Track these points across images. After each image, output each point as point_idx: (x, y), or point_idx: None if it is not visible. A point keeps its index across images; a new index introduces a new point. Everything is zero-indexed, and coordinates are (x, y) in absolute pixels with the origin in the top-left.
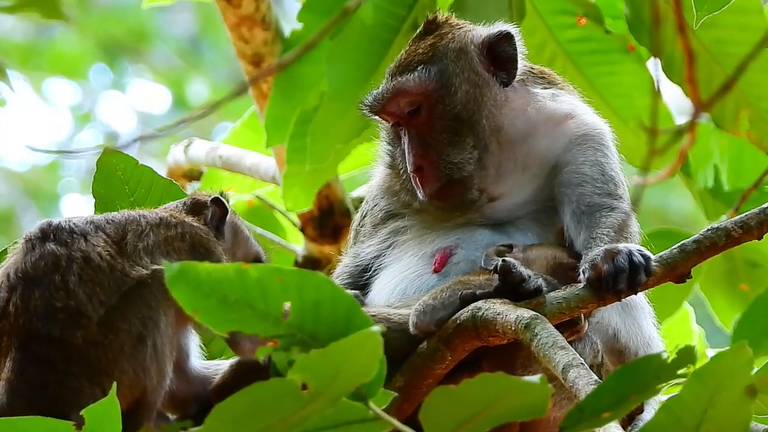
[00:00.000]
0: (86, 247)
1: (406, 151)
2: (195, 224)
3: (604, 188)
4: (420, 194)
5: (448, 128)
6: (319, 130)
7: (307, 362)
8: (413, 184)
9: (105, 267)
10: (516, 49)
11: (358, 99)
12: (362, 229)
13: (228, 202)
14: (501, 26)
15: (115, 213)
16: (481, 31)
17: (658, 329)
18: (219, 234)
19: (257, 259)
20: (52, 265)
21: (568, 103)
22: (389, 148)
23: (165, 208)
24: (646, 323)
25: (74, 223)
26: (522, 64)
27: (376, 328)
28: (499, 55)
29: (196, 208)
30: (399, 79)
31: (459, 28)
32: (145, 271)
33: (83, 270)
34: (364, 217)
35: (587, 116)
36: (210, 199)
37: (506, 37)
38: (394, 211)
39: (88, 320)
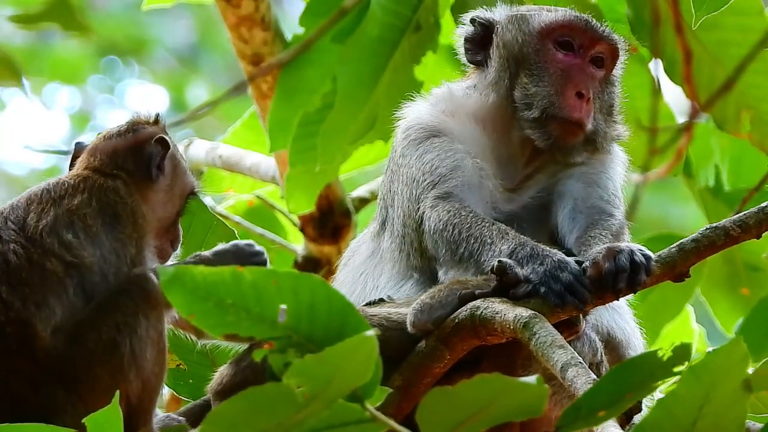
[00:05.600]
0: (3, 248)
1: (580, 75)
2: (107, 184)
3: (609, 198)
4: (573, 113)
5: (608, 99)
6: (330, 130)
7: (303, 367)
8: (557, 101)
9: (24, 263)
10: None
11: (368, 101)
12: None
13: (163, 124)
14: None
15: (29, 191)
16: None
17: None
18: (159, 171)
19: (192, 192)
20: None
21: None
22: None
23: (91, 162)
24: (629, 318)
25: None
26: None
27: (371, 333)
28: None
29: (137, 150)
30: (615, 36)
31: None
32: (58, 261)
33: (9, 276)
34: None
35: None
36: (154, 139)
37: None
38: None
39: (33, 328)
